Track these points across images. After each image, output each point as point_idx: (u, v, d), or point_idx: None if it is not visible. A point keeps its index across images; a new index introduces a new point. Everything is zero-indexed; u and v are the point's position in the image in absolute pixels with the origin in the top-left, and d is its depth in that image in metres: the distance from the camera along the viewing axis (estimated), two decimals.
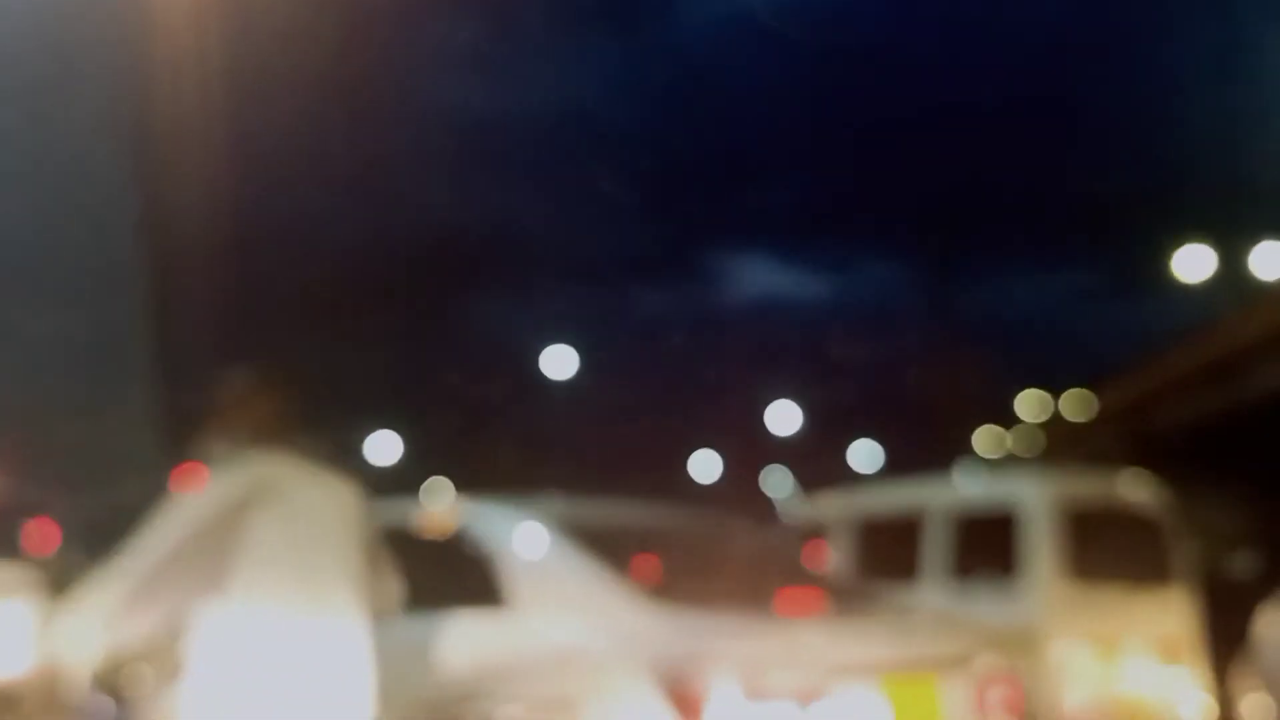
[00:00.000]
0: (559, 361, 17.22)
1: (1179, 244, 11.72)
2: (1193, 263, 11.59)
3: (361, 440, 19.53)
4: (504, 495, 3.64)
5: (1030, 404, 18.60)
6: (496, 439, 18.97)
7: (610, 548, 2.98)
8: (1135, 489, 5.45)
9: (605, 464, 15.64)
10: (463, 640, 2.85)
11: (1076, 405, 17.88)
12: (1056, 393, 18.38)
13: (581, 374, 17.80)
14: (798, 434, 19.49)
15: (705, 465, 20.46)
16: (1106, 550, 4.95)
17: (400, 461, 19.50)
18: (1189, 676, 5.00)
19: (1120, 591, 4.95)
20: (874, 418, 21.04)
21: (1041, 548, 4.83)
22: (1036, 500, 4.96)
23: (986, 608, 4.81)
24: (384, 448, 20.02)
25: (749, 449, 21.32)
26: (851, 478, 21.50)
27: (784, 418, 19.15)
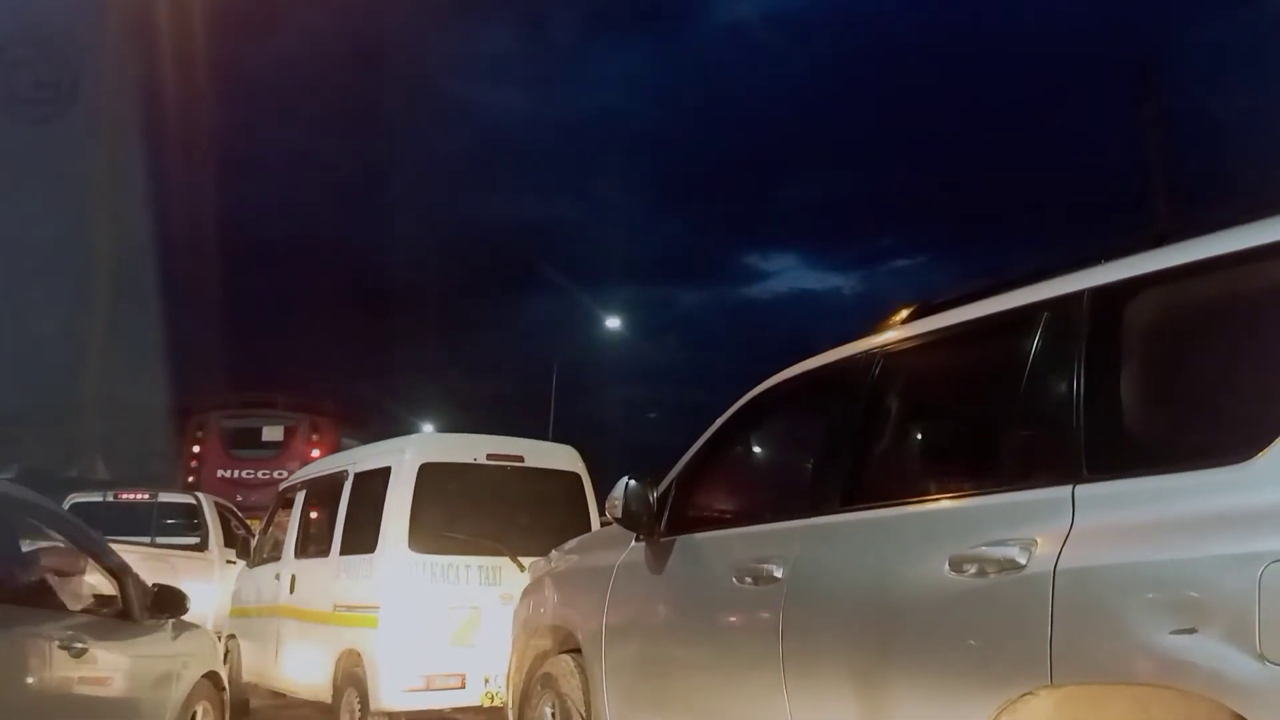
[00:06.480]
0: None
1: None
2: None
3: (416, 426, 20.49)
4: None
5: None
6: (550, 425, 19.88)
7: None
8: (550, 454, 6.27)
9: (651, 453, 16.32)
10: None
11: None
12: None
13: (624, 368, 18.22)
14: None
15: None
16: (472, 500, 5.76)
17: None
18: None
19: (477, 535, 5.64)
20: None
21: (401, 500, 5.59)
22: (404, 460, 5.74)
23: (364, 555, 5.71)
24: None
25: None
26: None
27: None
